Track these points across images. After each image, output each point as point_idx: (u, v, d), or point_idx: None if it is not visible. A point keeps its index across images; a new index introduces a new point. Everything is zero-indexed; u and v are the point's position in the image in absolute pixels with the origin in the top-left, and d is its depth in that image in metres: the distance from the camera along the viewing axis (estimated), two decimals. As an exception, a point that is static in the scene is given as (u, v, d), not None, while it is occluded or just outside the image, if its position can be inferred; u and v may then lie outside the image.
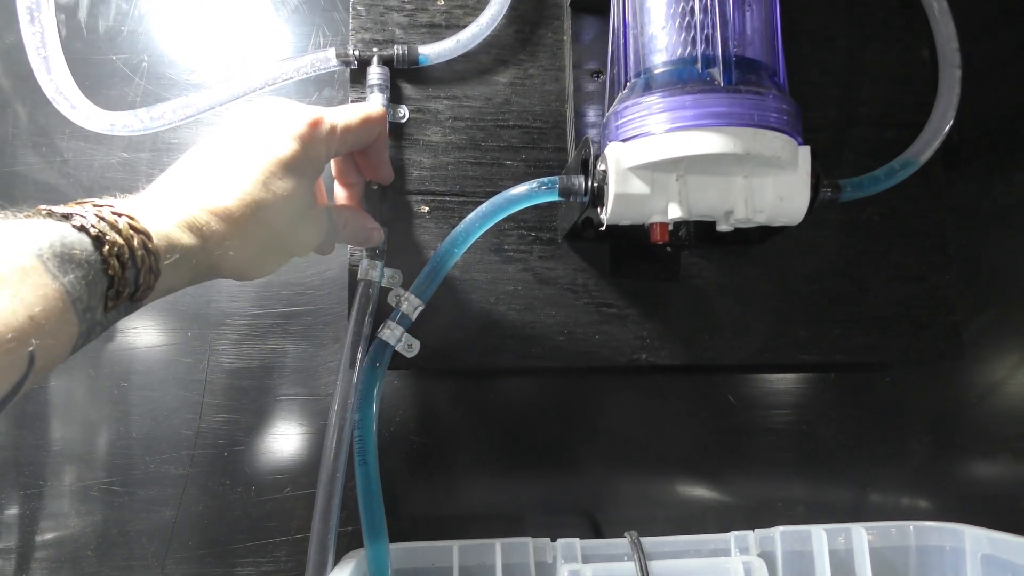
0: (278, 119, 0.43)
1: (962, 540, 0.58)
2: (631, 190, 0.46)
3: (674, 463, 0.65)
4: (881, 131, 0.64)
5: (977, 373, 0.69)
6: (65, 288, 0.31)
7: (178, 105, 0.55)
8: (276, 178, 0.41)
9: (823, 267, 0.62)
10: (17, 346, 0.29)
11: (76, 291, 0.31)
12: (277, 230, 0.42)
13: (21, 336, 0.29)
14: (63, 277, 0.31)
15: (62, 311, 0.31)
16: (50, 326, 0.30)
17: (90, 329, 0.33)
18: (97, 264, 0.32)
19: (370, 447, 0.52)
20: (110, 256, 0.33)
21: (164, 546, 0.59)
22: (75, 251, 0.32)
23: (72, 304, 0.31)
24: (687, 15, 0.46)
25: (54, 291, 0.30)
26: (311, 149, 0.44)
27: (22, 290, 0.29)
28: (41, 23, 0.52)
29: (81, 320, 0.32)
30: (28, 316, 0.29)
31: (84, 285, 0.32)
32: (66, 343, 0.32)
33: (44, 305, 0.30)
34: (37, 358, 0.30)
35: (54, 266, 0.31)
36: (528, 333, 0.58)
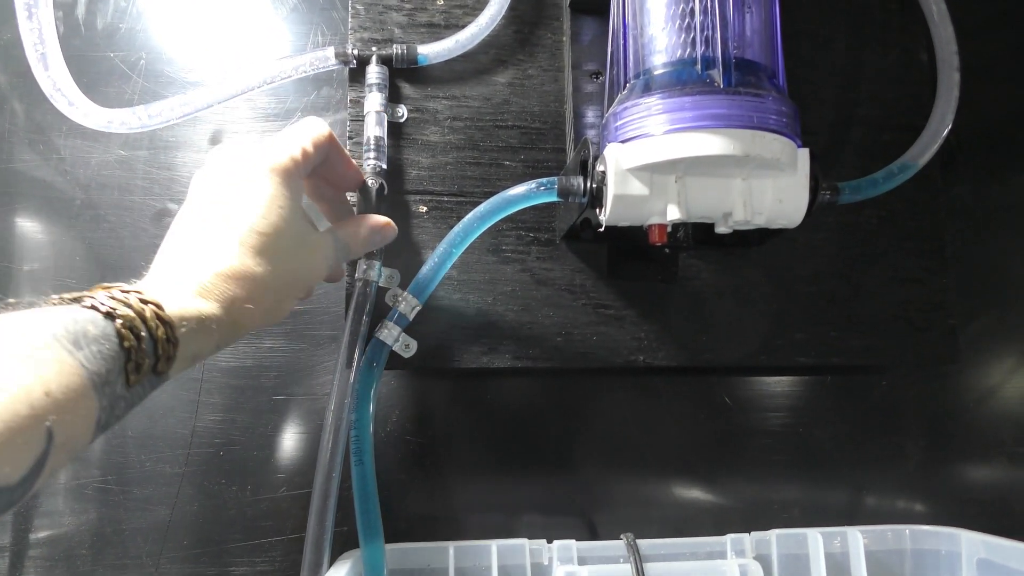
0: (244, 162, 0.43)
1: (958, 544, 0.58)
2: (630, 191, 0.46)
3: (671, 465, 0.65)
4: (880, 133, 0.64)
5: (974, 376, 0.69)
6: (81, 363, 0.31)
7: (176, 103, 0.55)
8: (262, 219, 0.41)
9: (821, 269, 0.62)
10: (35, 423, 0.29)
11: (93, 366, 0.31)
12: (281, 265, 0.42)
13: (38, 413, 0.29)
14: (77, 352, 0.31)
15: (80, 386, 0.31)
16: (68, 402, 0.30)
17: (112, 404, 0.33)
18: (112, 337, 0.33)
19: (366, 447, 0.52)
20: (123, 328, 0.33)
21: (159, 545, 0.58)
22: (88, 327, 0.32)
23: (90, 379, 0.31)
24: (687, 16, 0.46)
25: (70, 367, 0.31)
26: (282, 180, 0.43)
27: (38, 367, 0.30)
28: (39, 19, 0.52)
29: (100, 395, 0.32)
30: (44, 392, 0.29)
31: (101, 360, 0.32)
32: (87, 420, 0.32)
33: (60, 381, 0.30)
34: (56, 434, 0.30)
35: (69, 343, 0.31)
36: (525, 334, 0.58)
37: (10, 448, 0.28)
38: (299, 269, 0.44)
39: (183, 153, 0.63)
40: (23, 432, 0.28)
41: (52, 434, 0.30)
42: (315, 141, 0.46)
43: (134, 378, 0.34)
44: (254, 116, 0.64)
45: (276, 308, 0.43)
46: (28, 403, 0.29)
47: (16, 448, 0.28)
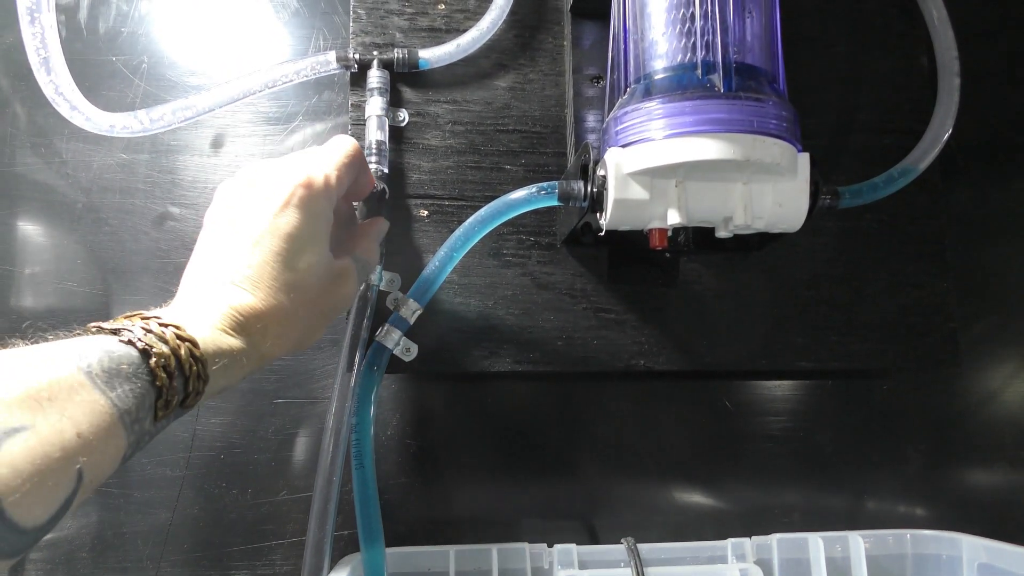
0: (271, 191, 0.42)
1: (959, 549, 0.58)
2: (630, 195, 0.46)
3: (671, 469, 0.65)
4: (880, 138, 0.64)
5: (974, 381, 0.69)
6: (113, 403, 0.31)
7: (178, 107, 0.55)
8: (292, 254, 0.41)
9: (821, 274, 0.62)
10: (66, 465, 0.29)
11: (125, 405, 0.31)
12: (311, 302, 0.42)
13: (70, 454, 0.29)
14: (111, 392, 0.31)
15: (110, 426, 0.31)
16: (98, 442, 0.30)
17: (139, 440, 0.33)
18: (145, 376, 0.32)
19: (367, 451, 0.52)
20: (157, 368, 0.33)
21: (159, 548, 0.58)
22: (123, 365, 0.32)
23: (120, 418, 0.31)
24: (687, 21, 0.46)
25: (102, 407, 0.30)
26: (313, 211, 0.42)
27: (70, 408, 0.29)
28: (41, 24, 0.52)
29: (129, 433, 0.32)
30: (76, 433, 0.29)
31: (133, 398, 0.32)
32: (115, 456, 0.32)
33: (92, 421, 0.30)
34: (86, 473, 0.30)
35: (102, 382, 0.31)
36: (526, 338, 0.58)
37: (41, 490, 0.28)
38: (329, 300, 0.44)
39: (185, 157, 0.63)
40: (54, 474, 0.28)
41: (82, 474, 0.29)
42: (350, 161, 0.46)
43: (162, 413, 0.33)
44: (255, 120, 0.64)
45: (306, 339, 0.44)
46: (60, 446, 0.28)
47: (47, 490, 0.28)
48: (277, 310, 0.40)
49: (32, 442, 0.28)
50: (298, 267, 0.41)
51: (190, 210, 0.62)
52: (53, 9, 0.53)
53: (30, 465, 0.27)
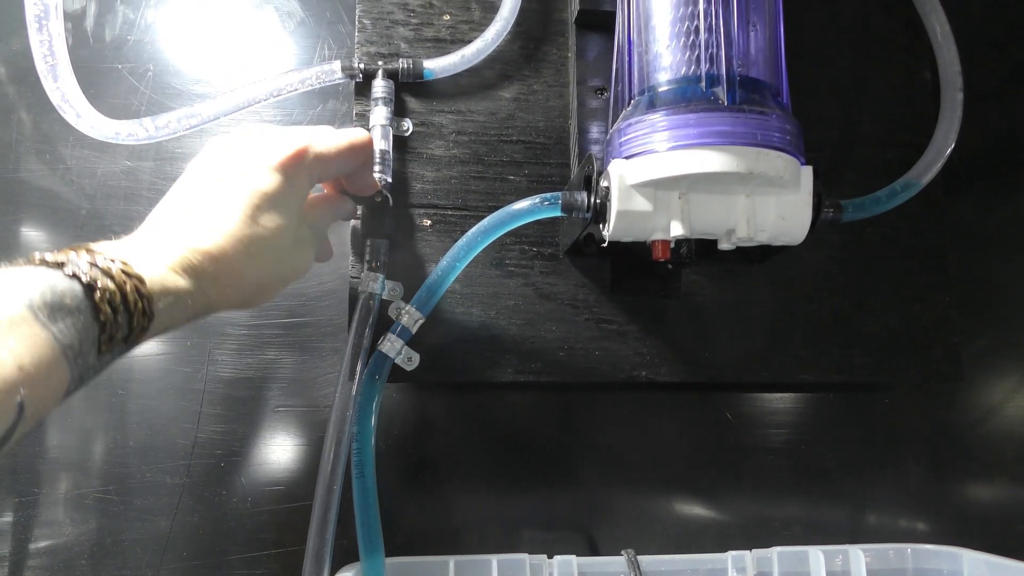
0: (260, 150, 0.43)
1: (960, 564, 0.58)
2: (634, 207, 0.46)
3: (672, 481, 0.64)
4: (883, 152, 0.65)
5: (976, 395, 0.69)
6: (55, 336, 0.31)
7: (183, 114, 0.55)
8: (261, 212, 0.41)
9: (824, 287, 0.62)
10: (6, 396, 0.29)
11: (67, 339, 0.31)
12: (269, 262, 0.42)
13: (10, 387, 0.29)
14: (53, 326, 0.31)
15: (52, 359, 0.31)
16: (40, 375, 0.30)
17: (83, 375, 0.33)
18: (88, 311, 0.32)
19: (368, 460, 0.52)
20: (102, 303, 0.33)
21: (158, 556, 0.58)
22: (66, 300, 0.32)
23: (63, 352, 0.31)
24: (692, 34, 0.46)
25: (44, 340, 0.30)
26: (295, 180, 0.43)
27: (11, 341, 0.29)
28: (49, 31, 0.52)
29: (72, 367, 0.32)
30: (17, 367, 0.29)
31: (75, 332, 0.32)
32: (57, 390, 0.32)
33: (34, 354, 0.30)
34: (27, 406, 0.30)
35: (44, 316, 0.31)
36: (528, 348, 0.58)
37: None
38: (280, 263, 0.44)
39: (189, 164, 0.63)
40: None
41: (23, 407, 0.29)
42: (351, 150, 0.47)
43: (106, 348, 0.33)
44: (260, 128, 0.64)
45: (251, 296, 0.43)
46: (1, 377, 0.29)
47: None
48: (231, 259, 0.40)
49: None
50: (262, 223, 0.41)
51: (194, 217, 0.62)
52: (61, 16, 0.53)
53: None
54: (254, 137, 0.44)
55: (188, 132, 0.56)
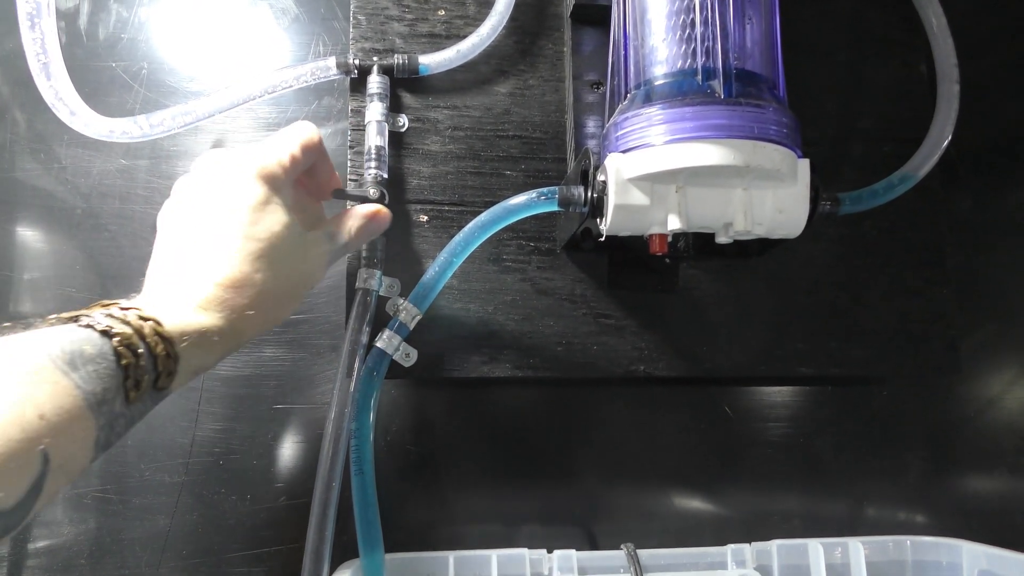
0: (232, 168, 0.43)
1: (959, 556, 0.58)
2: (630, 201, 0.46)
3: (671, 475, 0.64)
4: (880, 145, 0.65)
5: (974, 388, 0.69)
6: (77, 384, 0.31)
7: (178, 112, 0.55)
8: (254, 224, 0.41)
9: (821, 280, 0.62)
10: (28, 446, 0.29)
11: (89, 386, 0.31)
12: (281, 270, 0.42)
13: (31, 436, 0.29)
14: (74, 373, 0.31)
15: (75, 408, 0.31)
16: (63, 424, 0.30)
17: (111, 423, 0.33)
18: (109, 356, 0.33)
19: (366, 457, 0.52)
20: (121, 347, 0.33)
21: (157, 555, 0.58)
22: (85, 347, 0.32)
23: (86, 399, 0.31)
24: (688, 27, 0.46)
25: (65, 389, 0.30)
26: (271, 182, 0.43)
27: (32, 391, 0.29)
28: (41, 29, 0.52)
29: (97, 414, 0.32)
30: (38, 416, 0.29)
31: (97, 379, 0.32)
32: (85, 440, 0.31)
33: (55, 403, 0.30)
34: (53, 457, 0.30)
35: (64, 364, 0.31)
36: (526, 343, 0.58)
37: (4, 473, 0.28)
38: (297, 271, 0.44)
39: (184, 163, 0.63)
40: (16, 456, 0.28)
41: (48, 457, 0.29)
42: (304, 145, 0.46)
43: (134, 395, 0.33)
44: (255, 125, 0.64)
45: (277, 312, 0.44)
46: (21, 427, 0.28)
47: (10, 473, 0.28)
48: (244, 281, 0.40)
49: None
50: (260, 236, 0.41)
51: (190, 215, 0.62)
52: (53, 14, 0.53)
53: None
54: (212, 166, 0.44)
55: (183, 130, 0.56)
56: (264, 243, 0.41)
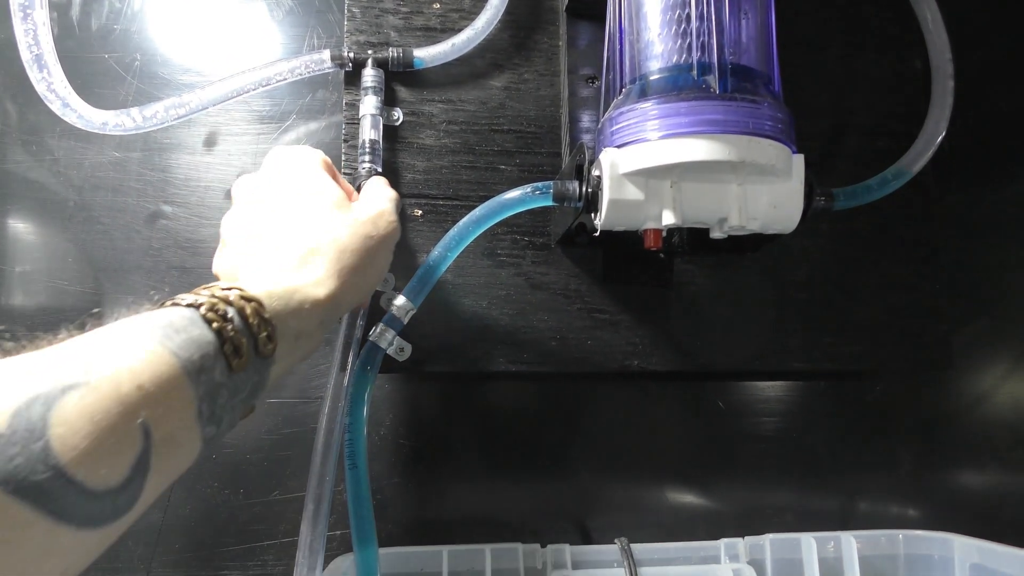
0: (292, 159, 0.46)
1: (951, 549, 0.59)
2: (625, 196, 0.46)
3: (664, 469, 0.65)
4: (874, 140, 0.65)
5: (967, 382, 0.70)
6: (173, 352, 0.30)
7: (171, 104, 0.55)
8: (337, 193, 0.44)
9: (815, 275, 0.62)
10: (127, 419, 0.28)
11: (185, 352, 0.31)
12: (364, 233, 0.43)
13: (130, 408, 0.28)
14: (168, 342, 0.30)
15: (173, 376, 0.30)
16: (161, 394, 0.29)
17: (212, 393, 0.32)
18: (199, 323, 0.32)
19: (360, 451, 0.52)
20: (210, 312, 0.33)
21: (150, 549, 0.58)
22: (174, 319, 0.32)
23: (183, 367, 0.30)
24: (683, 22, 0.46)
25: (160, 356, 0.30)
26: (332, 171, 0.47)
27: (127, 360, 0.29)
28: (34, 20, 0.52)
29: (196, 383, 0.31)
30: (136, 386, 0.28)
31: (193, 346, 0.31)
32: (185, 411, 0.31)
33: (153, 371, 0.29)
34: (154, 430, 0.29)
35: (160, 334, 0.30)
36: (520, 338, 0.58)
37: (103, 447, 0.27)
38: (379, 231, 0.45)
39: (177, 155, 0.63)
40: (114, 430, 0.27)
41: (149, 431, 0.28)
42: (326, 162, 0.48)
43: (236, 362, 0.33)
44: (249, 118, 0.63)
45: (369, 276, 0.44)
46: (118, 399, 0.28)
47: (110, 447, 0.27)
48: (329, 242, 0.41)
49: (89, 398, 0.27)
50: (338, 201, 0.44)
51: (182, 208, 0.62)
52: (46, 6, 0.52)
53: (87, 422, 0.26)
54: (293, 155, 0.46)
55: (176, 122, 0.56)
56: (344, 208, 0.43)
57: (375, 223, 0.44)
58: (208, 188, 0.62)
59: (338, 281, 0.41)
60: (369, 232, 0.43)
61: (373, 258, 0.44)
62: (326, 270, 0.40)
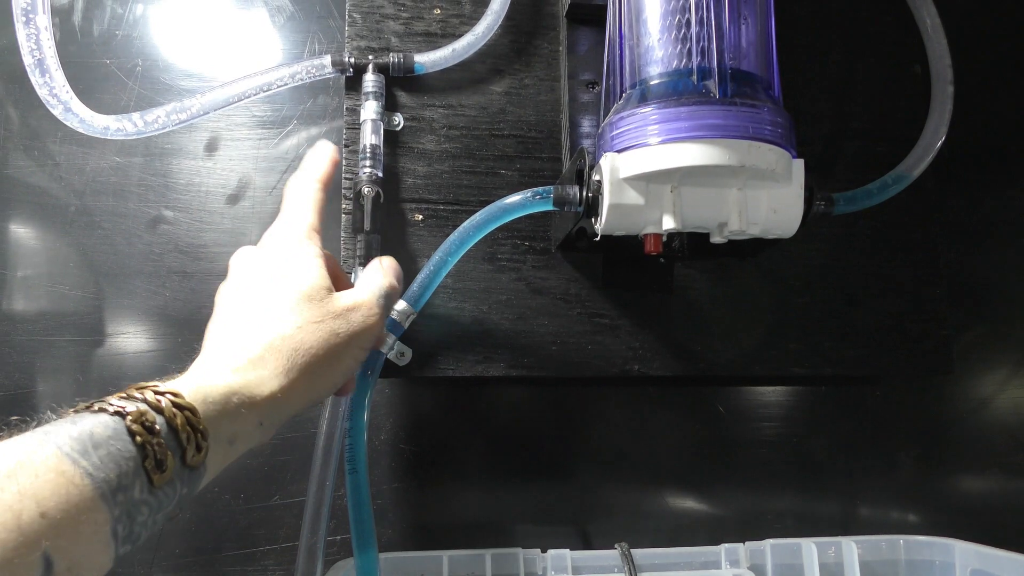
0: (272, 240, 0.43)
1: (952, 555, 0.58)
2: (625, 201, 0.46)
3: (665, 474, 0.64)
4: (874, 145, 0.65)
5: (967, 387, 0.70)
6: (86, 471, 0.28)
7: (172, 110, 0.55)
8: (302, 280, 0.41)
9: (815, 280, 0.62)
10: (27, 551, 0.25)
11: (101, 472, 0.28)
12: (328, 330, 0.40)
13: (31, 538, 0.25)
14: (83, 460, 0.28)
15: (83, 499, 0.27)
16: (70, 519, 0.27)
17: (130, 512, 0.29)
18: (123, 435, 0.29)
19: (360, 456, 0.52)
20: (133, 424, 0.30)
21: (151, 553, 0.58)
22: (95, 430, 0.29)
23: (97, 488, 0.28)
24: (683, 27, 0.46)
25: (71, 478, 0.27)
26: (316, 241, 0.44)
27: (34, 485, 0.26)
28: (36, 25, 0.52)
29: (111, 504, 0.28)
30: (39, 514, 0.26)
31: (111, 463, 0.28)
32: (96, 535, 0.28)
33: (60, 496, 0.27)
34: (57, 560, 0.26)
35: (73, 451, 0.28)
36: (520, 342, 0.58)
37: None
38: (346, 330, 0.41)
39: (178, 160, 0.63)
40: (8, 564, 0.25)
41: (51, 561, 0.26)
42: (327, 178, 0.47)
43: (158, 477, 0.30)
44: (250, 123, 0.64)
45: (326, 378, 0.41)
46: (18, 529, 0.25)
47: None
48: (283, 339, 0.38)
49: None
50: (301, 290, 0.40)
51: (183, 213, 0.62)
52: (48, 11, 0.52)
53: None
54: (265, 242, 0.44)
55: (178, 127, 0.56)
56: (315, 300, 0.40)
57: (347, 318, 0.41)
58: (209, 193, 0.63)
59: (285, 381, 0.37)
60: (336, 329, 0.40)
61: (336, 357, 0.40)
62: (274, 368, 0.37)
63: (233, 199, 0.63)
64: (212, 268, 0.61)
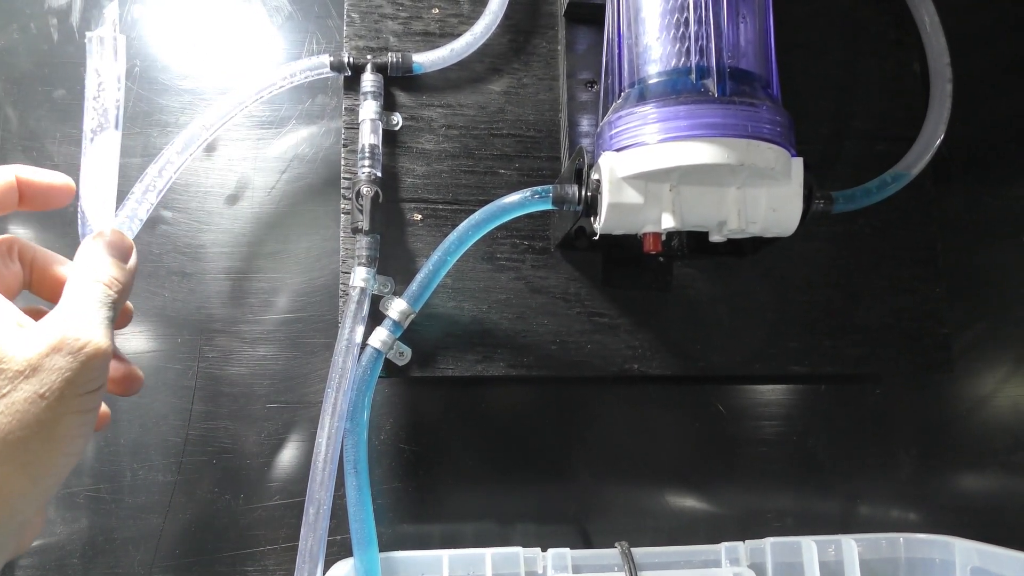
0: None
1: (952, 553, 0.58)
2: (624, 200, 0.46)
3: (665, 473, 0.64)
4: (873, 144, 0.65)
5: (967, 386, 0.70)
6: None
7: (182, 145, 0.52)
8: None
9: (815, 278, 0.62)
10: None
11: None
12: None
13: None
14: None
15: None
16: None
17: None
18: None
19: (360, 456, 0.52)
20: None
21: (151, 554, 0.58)
22: None
23: None
24: (682, 26, 0.46)
25: None
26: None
27: None
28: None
29: None
30: None
31: None
32: None
33: None
34: None
35: None
36: (520, 342, 0.58)
37: None
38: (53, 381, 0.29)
39: (177, 160, 0.63)
40: None
41: None
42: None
43: None
44: (248, 123, 0.63)
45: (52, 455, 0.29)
46: None
47: None
48: None
49: None
50: None
51: (182, 214, 0.62)
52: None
53: None
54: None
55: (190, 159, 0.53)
56: None
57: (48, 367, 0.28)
58: (208, 193, 0.63)
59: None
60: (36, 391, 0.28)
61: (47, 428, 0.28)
62: None
63: (232, 199, 0.63)
64: (211, 268, 0.61)
